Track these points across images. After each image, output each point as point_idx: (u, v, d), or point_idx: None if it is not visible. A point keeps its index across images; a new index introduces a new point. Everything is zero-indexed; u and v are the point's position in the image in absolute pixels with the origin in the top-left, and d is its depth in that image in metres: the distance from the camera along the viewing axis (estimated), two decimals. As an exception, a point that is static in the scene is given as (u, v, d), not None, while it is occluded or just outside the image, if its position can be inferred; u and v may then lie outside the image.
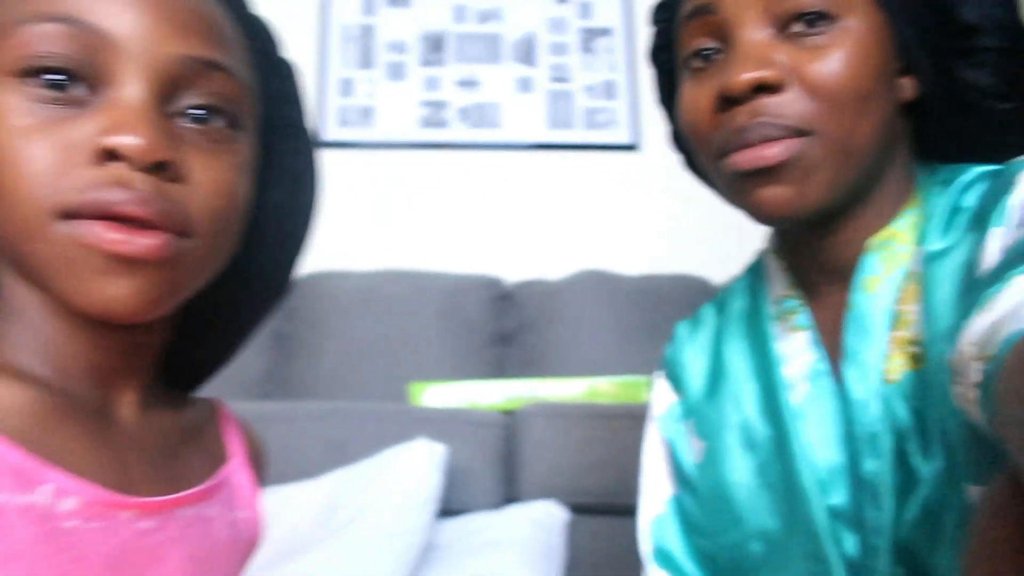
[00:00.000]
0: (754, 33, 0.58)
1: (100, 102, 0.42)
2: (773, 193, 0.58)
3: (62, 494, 0.41)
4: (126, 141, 0.40)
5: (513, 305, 1.86)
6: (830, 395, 0.62)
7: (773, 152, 0.56)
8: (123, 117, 0.41)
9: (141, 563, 0.44)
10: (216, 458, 0.54)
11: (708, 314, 0.77)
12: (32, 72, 0.41)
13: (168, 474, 0.48)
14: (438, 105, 2.17)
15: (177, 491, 0.48)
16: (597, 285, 1.79)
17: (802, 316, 0.66)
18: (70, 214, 0.40)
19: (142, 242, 0.41)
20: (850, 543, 0.60)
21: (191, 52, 0.44)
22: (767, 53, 0.57)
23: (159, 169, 0.41)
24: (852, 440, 0.60)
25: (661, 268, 1.88)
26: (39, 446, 0.41)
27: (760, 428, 0.66)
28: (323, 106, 2.14)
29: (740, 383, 0.69)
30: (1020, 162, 0.54)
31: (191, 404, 0.55)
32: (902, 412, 0.57)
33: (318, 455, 1.33)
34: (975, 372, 0.42)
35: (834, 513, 0.61)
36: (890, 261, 0.60)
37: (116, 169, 0.40)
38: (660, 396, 0.76)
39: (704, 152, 0.62)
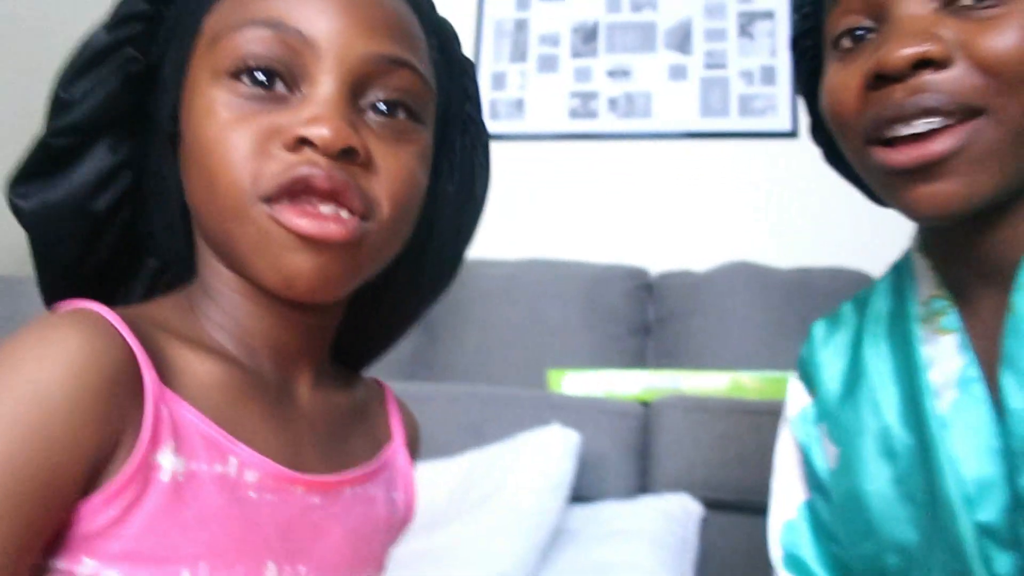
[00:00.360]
0: (915, 7, 0.53)
1: (299, 98, 0.45)
2: (935, 191, 0.53)
3: (246, 466, 0.45)
4: (317, 131, 0.43)
5: (657, 295, 1.83)
6: (981, 403, 0.57)
7: (939, 147, 0.51)
8: (317, 111, 0.44)
9: (308, 535, 0.48)
10: (380, 438, 0.57)
11: (848, 313, 0.72)
12: (241, 72, 0.45)
13: (337, 452, 0.52)
14: (588, 96, 2.16)
15: (344, 468, 0.51)
16: (746, 277, 1.72)
17: (951, 317, 0.61)
18: (268, 198, 0.44)
19: (331, 227, 0.44)
20: (1002, 563, 0.55)
21: (380, 50, 0.47)
22: (930, 27, 0.52)
23: (347, 155, 0.44)
24: (1009, 454, 0.55)
25: (817, 261, 1.78)
26: (228, 420, 0.45)
27: (901, 436, 0.61)
28: (475, 99, 2.20)
29: (880, 387, 0.64)
30: None
31: (359, 384, 0.59)
32: None
33: (456, 436, 1.38)
34: None
35: (983, 530, 0.56)
36: None
37: (308, 154, 0.44)
38: (794, 398, 0.73)
39: (849, 138, 0.58)
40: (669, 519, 1.22)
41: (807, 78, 0.67)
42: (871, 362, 0.66)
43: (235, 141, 0.44)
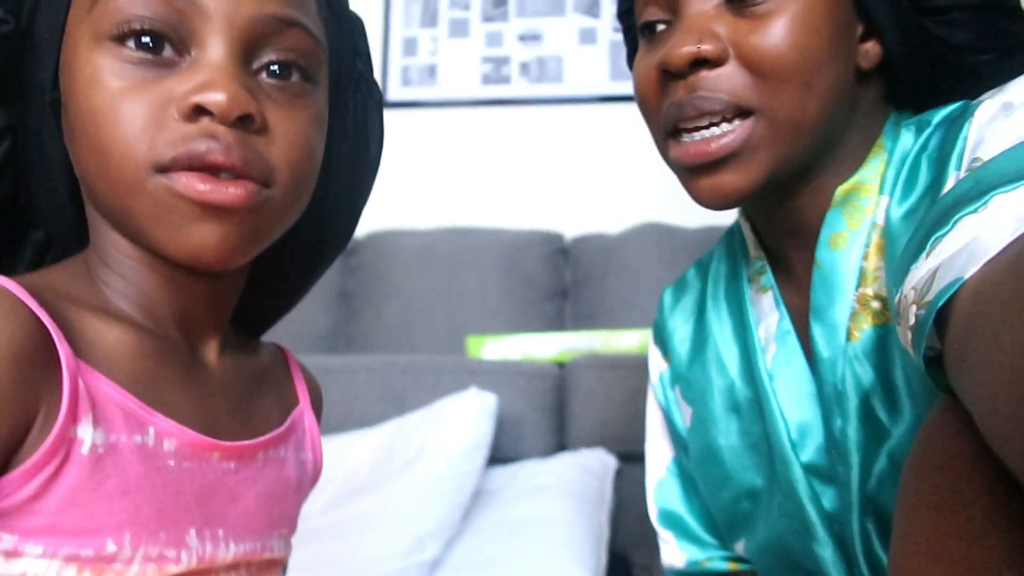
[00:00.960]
0: (700, 3, 0.55)
1: (188, 63, 0.44)
2: (715, 183, 0.56)
3: (164, 436, 0.45)
4: (213, 98, 0.43)
5: (572, 259, 1.87)
6: (796, 354, 0.62)
7: (715, 148, 0.55)
8: (210, 76, 0.43)
9: (223, 499, 0.48)
10: (287, 402, 0.57)
11: (692, 278, 0.76)
12: (126, 36, 0.44)
13: (247, 417, 0.52)
14: (500, 61, 2.17)
15: (255, 433, 0.52)
16: (656, 238, 1.77)
17: (767, 276, 0.65)
18: (164, 168, 0.43)
19: (230, 191, 0.43)
20: (827, 497, 0.60)
21: (270, 11, 0.46)
22: (709, 25, 0.54)
23: (243, 122, 0.44)
24: (822, 398, 0.60)
25: (721, 220, 1.84)
26: (143, 389, 0.44)
27: (743, 390, 0.66)
28: (386, 66, 2.18)
29: (723, 346, 0.68)
30: (977, 103, 0.51)
31: (262, 349, 0.59)
32: (865, 371, 0.56)
33: (377, 406, 1.40)
34: (912, 316, 0.41)
35: (810, 470, 0.61)
36: (856, 215, 0.58)
37: (204, 124, 0.43)
38: (653, 363, 0.77)
39: (652, 127, 0.61)
40: (586, 473, 1.27)
41: (630, 54, 0.68)
42: (714, 323, 0.70)
43: (126, 112, 0.43)
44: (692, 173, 0.57)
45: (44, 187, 0.50)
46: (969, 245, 0.39)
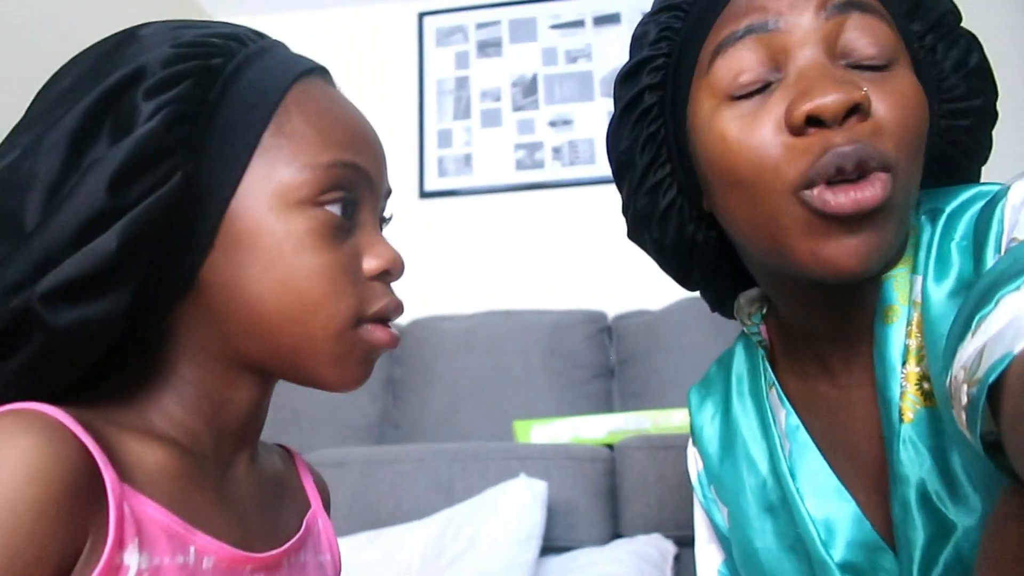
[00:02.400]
0: (819, 55, 0.52)
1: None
2: (858, 243, 0.50)
3: (202, 553, 0.45)
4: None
5: (616, 337, 1.85)
6: (808, 448, 0.60)
7: (875, 193, 0.49)
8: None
9: None
10: (302, 505, 0.58)
11: (715, 375, 0.73)
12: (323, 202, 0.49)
13: (273, 526, 0.53)
14: (533, 147, 2.21)
15: (280, 541, 0.52)
16: (699, 312, 1.74)
17: (768, 372, 0.64)
18: (362, 320, 0.50)
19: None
20: None
21: None
22: (848, 76, 0.51)
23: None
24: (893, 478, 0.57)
25: (766, 290, 1.82)
26: (183, 507, 0.45)
27: (774, 489, 0.63)
28: (423, 157, 2.24)
29: (752, 443, 0.66)
30: (1004, 188, 0.51)
31: (273, 454, 0.59)
32: (921, 454, 0.53)
33: (426, 496, 1.37)
34: (964, 395, 0.40)
35: (846, 568, 0.57)
36: (903, 290, 0.56)
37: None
38: (691, 463, 0.74)
39: (765, 188, 0.52)
40: (644, 561, 1.22)
41: (646, 141, 0.61)
42: (741, 420, 0.67)
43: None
44: (834, 227, 0.50)
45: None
46: (1015, 320, 0.38)
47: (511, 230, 2.15)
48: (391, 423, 1.79)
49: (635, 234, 0.66)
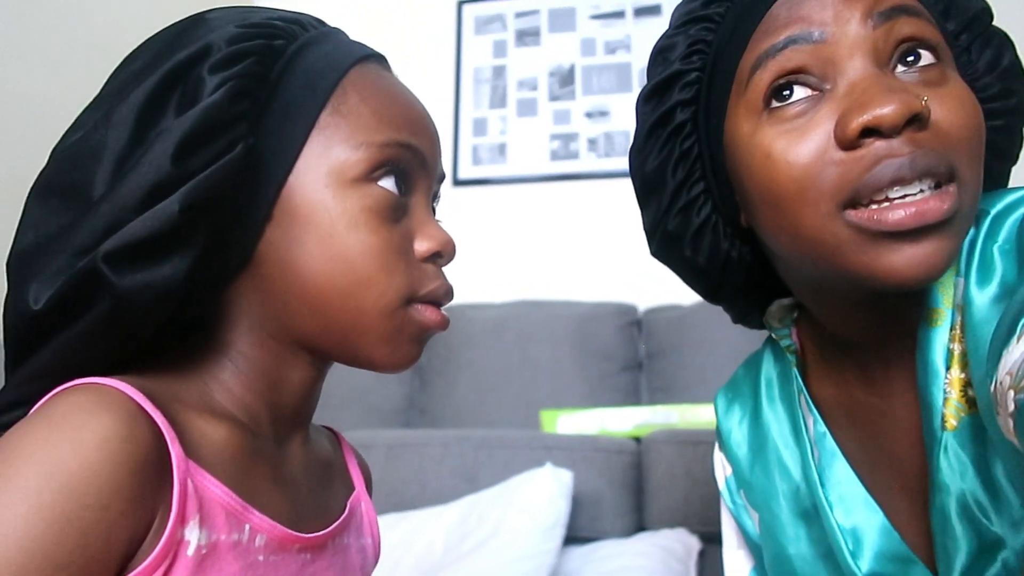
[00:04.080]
0: (869, 65, 0.49)
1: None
2: (923, 252, 0.47)
3: (256, 531, 0.46)
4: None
5: (646, 331, 1.84)
6: (835, 456, 0.59)
7: (940, 207, 0.46)
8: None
9: None
10: (347, 487, 0.59)
11: (742, 378, 0.71)
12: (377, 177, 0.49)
13: (321, 506, 0.53)
14: (568, 137, 2.20)
15: (327, 522, 0.52)
16: (731, 308, 1.73)
17: (797, 378, 0.62)
18: (412, 300, 0.50)
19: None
20: None
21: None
22: (904, 85, 0.48)
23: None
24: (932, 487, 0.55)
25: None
26: (241, 485, 0.45)
27: (807, 495, 0.61)
28: (457, 145, 2.24)
29: (784, 448, 0.64)
30: None
31: (321, 435, 0.60)
32: (963, 463, 0.51)
33: (450, 481, 1.38)
34: (1011, 402, 0.38)
35: None
36: (948, 292, 0.53)
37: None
38: (718, 469, 0.72)
39: (811, 205, 0.50)
40: (668, 555, 1.22)
41: (678, 160, 0.59)
42: (771, 424, 0.65)
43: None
44: (892, 240, 0.48)
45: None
46: None
47: (543, 220, 2.14)
48: (417, 408, 1.79)
49: (663, 253, 0.64)
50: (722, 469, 0.72)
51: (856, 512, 0.57)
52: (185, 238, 0.43)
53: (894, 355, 0.56)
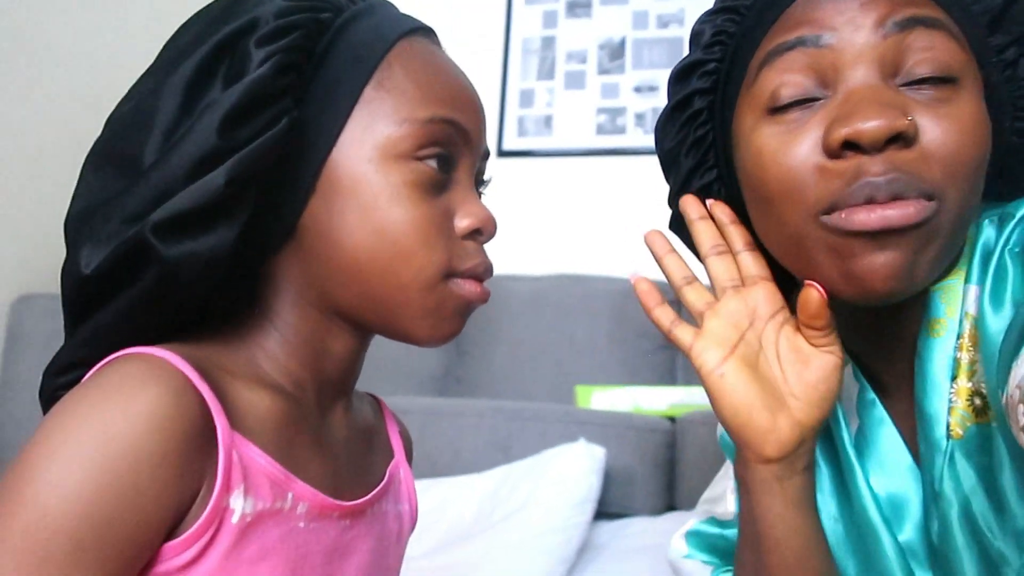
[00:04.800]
0: (871, 76, 0.49)
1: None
2: (887, 260, 0.48)
3: (299, 500, 0.47)
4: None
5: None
6: (884, 424, 0.57)
7: (906, 212, 0.47)
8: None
9: (341, 557, 0.50)
10: (386, 455, 0.60)
11: None
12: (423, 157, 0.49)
13: (361, 474, 0.54)
14: (616, 112, 2.17)
15: (366, 489, 0.54)
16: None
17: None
18: (452, 274, 0.50)
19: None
20: None
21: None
22: (898, 100, 0.48)
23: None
24: (923, 496, 0.55)
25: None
26: (284, 454, 0.47)
27: (823, 468, 0.61)
28: (503, 116, 2.23)
29: None
30: None
31: (364, 401, 0.61)
32: (967, 473, 0.51)
33: (483, 451, 1.39)
34: (1022, 416, 0.38)
35: (908, 551, 0.56)
36: (953, 302, 0.53)
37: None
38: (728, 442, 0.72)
39: (793, 208, 0.51)
40: (696, 536, 1.22)
41: (692, 145, 0.59)
42: None
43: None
44: (861, 244, 0.49)
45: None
46: None
47: (586, 195, 2.13)
48: (454, 377, 1.81)
49: (677, 231, 0.65)
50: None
51: (898, 480, 0.56)
52: (230, 210, 0.44)
53: (902, 363, 0.56)
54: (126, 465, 0.39)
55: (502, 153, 2.20)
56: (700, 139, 0.59)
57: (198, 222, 0.43)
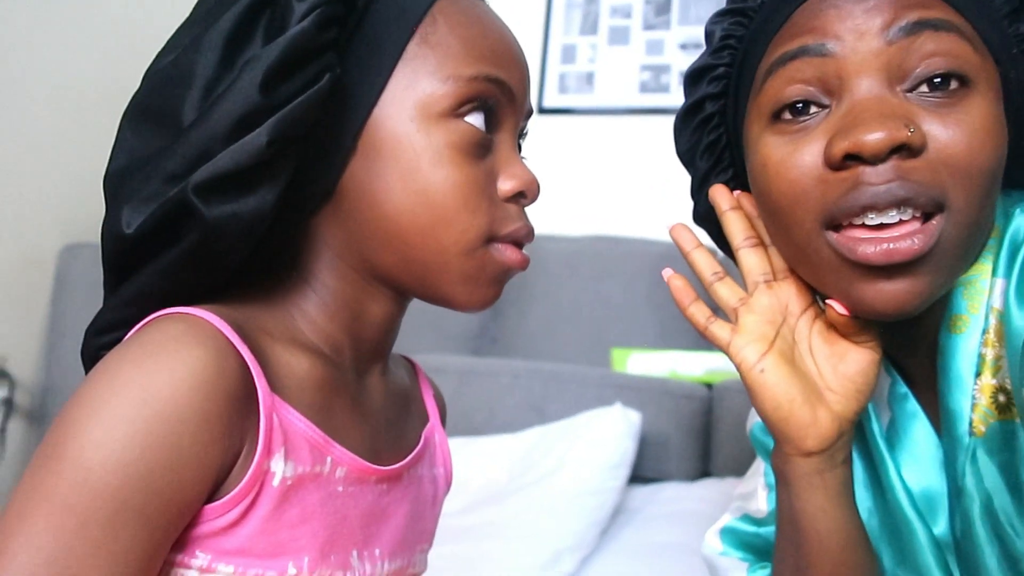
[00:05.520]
0: (876, 86, 0.48)
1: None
2: (897, 289, 0.47)
3: (337, 464, 0.47)
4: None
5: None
6: (917, 417, 0.57)
7: (915, 246, 0.46)
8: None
9: (378, 520, 0.51)
10: (421, 419, 0.60)
11: None
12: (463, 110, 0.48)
13: (396, 438, 0.55)
14: (660, 69, 2.12)
15: (402, 454, 0.54)
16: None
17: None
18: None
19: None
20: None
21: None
22: (902, 110, 0.47)
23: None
24: (949, 462, 0.54)
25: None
26: (323, 419, 0.47)
27: (857, 461, 0.60)
28: (544, 72, 2.19)
29: None
30: None
31: (399, 365, 0.61)
32: (989, 470, 0.50)
33: (518, 412, 1.40)
34: None
35: (943, 544, 0.55)
36: (976, 298, 0.52)
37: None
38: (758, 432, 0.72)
39: (797, 219, 0.51)
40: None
41: (706, 148, 0.60)
42: None
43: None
44: (866, 273, 0.48)
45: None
46: None
47: (627, 154, 2.09)
48: (489, 336, 1.81)
49: (702, 222, 0.65)
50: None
51: (932, 472, 0.56)
52: (272, 170, 0.43)
53: (928, 359, 0.55)
54: (168, 426, 0.39)
55: (542, 110, 2.16)
56: (713, 142, 0.59)
57: (240, 183, 0.43)
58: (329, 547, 0.46)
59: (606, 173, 2.08)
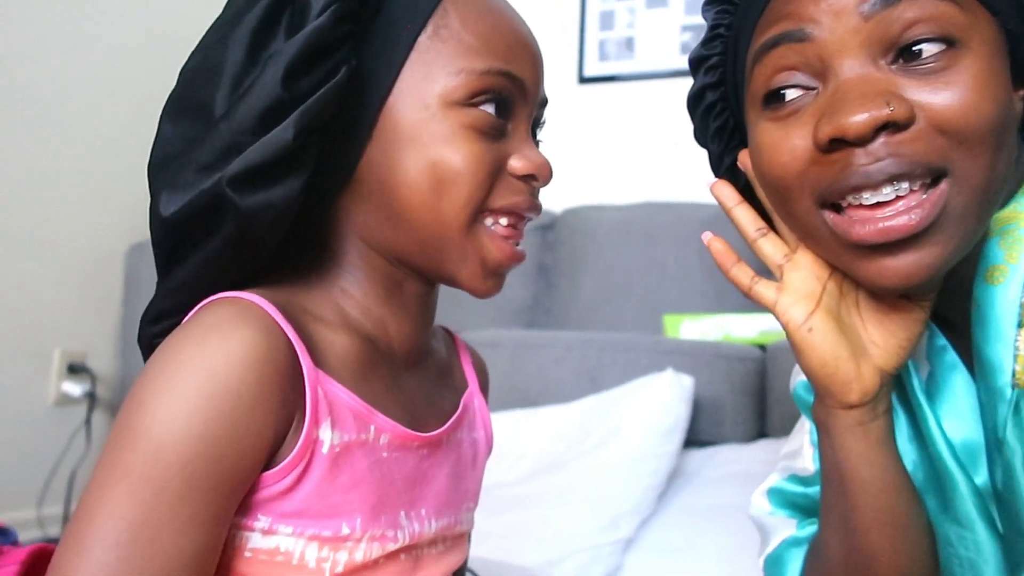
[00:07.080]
0: (860, 64, 0.48)
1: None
2: (900, 264, 0.47)
3: (381, 432, 0.51)
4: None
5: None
6: (957, 369, 0.56)
7: (911, 221, 0.46)
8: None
9: (422, 483, 0.54)
10: (460, 386, 0.63)
11: None
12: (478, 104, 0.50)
13: (435, 406, 0.58)
14: (701, 29, 2.09)
15: (441, 421, 0.57)
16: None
17: None
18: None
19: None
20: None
21: None
22: (886, 87, 0.47)
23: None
24: (987, 414, 0.54)
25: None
26: (365, 390, 0.50)
27: (900, 414, 0.60)
28: (583, 41, 2.17)
29: None
30: None
31: (437, 336, 0.64)
32: None
33: (572, 382, 1.42)
34: None
35: (986, 494, 0.55)
36: (1016, 247, 0.50)
37: None
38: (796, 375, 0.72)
39: (795, 202, 0.51)
40: (788, 462, 1.22)
41: (714, 133, 0.60)
42: None
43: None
44: (866, 252, 0.48)
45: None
46: None
47: (673, 119, 2.05)
48: (542, 308, 1.83)
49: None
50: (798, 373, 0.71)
51: (973, 423, 0.56)
52: (299, 160, 0.47)
53: (960, 308, 0.54)
54: (228, 401, 0.42)
55: (584, 80, 2.15)
56: (720, 127, 0.60)
57: (270, 174, 0.46)
58: (379, 508, 0.50)
59: (652, 139, 2.06)
